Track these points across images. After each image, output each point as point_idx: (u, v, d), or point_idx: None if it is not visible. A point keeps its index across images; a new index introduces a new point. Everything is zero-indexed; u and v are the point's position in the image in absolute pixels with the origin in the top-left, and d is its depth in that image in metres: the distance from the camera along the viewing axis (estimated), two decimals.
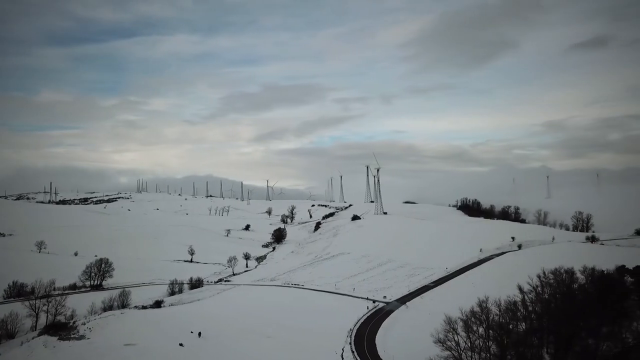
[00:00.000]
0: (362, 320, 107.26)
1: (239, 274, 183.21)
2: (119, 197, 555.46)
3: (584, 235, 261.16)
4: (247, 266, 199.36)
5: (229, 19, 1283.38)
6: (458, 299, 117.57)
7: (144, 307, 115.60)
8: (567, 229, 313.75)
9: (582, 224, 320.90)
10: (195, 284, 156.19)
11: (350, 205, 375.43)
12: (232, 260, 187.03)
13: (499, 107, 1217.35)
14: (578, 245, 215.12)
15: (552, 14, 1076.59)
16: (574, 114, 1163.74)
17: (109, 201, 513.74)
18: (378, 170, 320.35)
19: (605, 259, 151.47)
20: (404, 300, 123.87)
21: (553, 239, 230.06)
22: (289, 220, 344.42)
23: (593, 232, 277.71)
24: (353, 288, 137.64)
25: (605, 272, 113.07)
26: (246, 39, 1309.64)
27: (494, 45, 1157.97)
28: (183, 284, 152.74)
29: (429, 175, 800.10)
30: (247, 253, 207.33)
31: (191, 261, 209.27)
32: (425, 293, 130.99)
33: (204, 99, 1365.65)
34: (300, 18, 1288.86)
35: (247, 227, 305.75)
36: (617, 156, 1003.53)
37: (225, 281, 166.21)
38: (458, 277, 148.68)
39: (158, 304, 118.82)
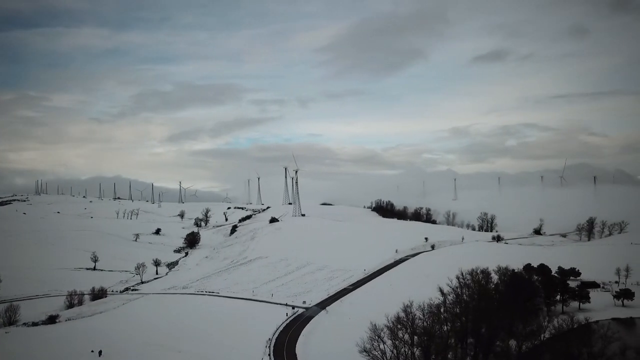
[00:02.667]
0: (281, 329, 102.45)
1: (148, 281, 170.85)
2: (14, 200, 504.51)
3: (489, 235, 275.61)
4: (157, 273, 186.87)
5: (142, 15, 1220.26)
6: (378, 302, 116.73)
7: (34, 324, 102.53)
8: (474, 229, 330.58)
9: (487, 224, 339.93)
10: (98, 294, 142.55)
11: (268, 208, 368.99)
12: (140, 267, 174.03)
13: (409, 113, 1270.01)
14: (486, 245, 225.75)
15: (457, 27, 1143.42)
16: (476, 121, 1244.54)
17: (1, 204, 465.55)
18: (296, 172, 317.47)
19: (511, 257, 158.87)
20: (323, 304, 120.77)
21: (463, 238, 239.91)
22: (203, 224, 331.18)
23: (497, 231, 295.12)
24: (271, 294, 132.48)
25: (515, 270, 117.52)
26: (160, 36, 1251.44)
27: (405, 53, 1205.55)
28: (83, 294, 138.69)
29: (344, 177, 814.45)
30: (157, 259, 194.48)
31: (94, 269, 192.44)
32: (345, 296, 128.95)
33: (114, 96, 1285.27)
34: (217, 17, 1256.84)
35: (158, 231, 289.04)
36: (513, 161, 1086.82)
37: (133, 290, 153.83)
38: (376, 278, 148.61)
39: (52, 320, 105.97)
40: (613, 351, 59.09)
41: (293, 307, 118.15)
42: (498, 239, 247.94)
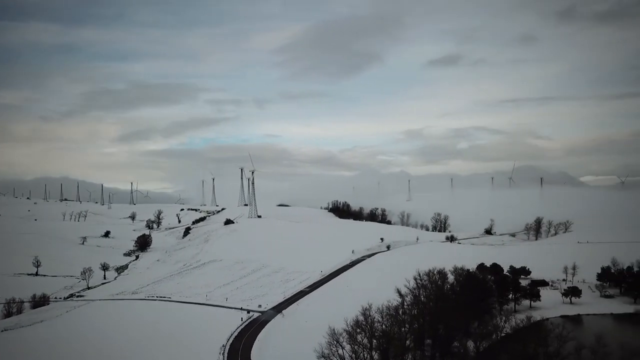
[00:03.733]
0: (235, 334, 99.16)
1: (95, 287, 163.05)
2: None
3: (443, 235, 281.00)
4: (105, 278, 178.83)
5: (95, 11, 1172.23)
6: (335, 304, 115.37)
7: None
8: (428, 229, 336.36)
9: (440, 224, 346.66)
10: (40, 301, 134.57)
11: (223, 209, 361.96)
12: (86, 272, 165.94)
13: (365, 116, 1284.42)
14: (440, 245, 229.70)
15: (413, 31, 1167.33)
16: (429, 124, 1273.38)
17: None
18: (253, 172, 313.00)
19: (465, 257, 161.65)
20: (279, 308, 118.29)
21: (417, 239, 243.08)
22: (155, 226, 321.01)
23: (450, 232, 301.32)
24: (226, 298, 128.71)
25: (470, 270, 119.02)
26: (114, 33, 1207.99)
27: (362, 56, 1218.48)
28: (23, 302, 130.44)
29: (301, 178, 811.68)
30: (105, 263, 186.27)
31: (36, 274, 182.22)
32: (302, 299, 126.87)
33: (63, 94, 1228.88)
34: (173, 16, 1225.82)
35: (107, 234, 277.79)
36: (465, 163, 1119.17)
37: (78, 297, 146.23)
38: (333, 280, 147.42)
39: None
40: (568, 350, 60.00)
41: (248, 312, 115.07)
42: (451, 239, 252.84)
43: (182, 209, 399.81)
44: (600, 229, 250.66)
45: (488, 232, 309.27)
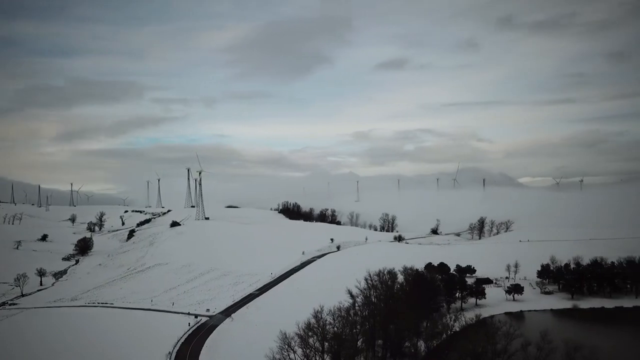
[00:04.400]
0: (182, 340, 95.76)
1: (30, 294, 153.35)
2: None
3: (391, 235, 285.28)
4: (41, 284, 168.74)
5: (34, 3, 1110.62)
6: (286, 306, 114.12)
7: None
8: (376, 229, 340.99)
9: (388, 224, 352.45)
10: None
11: (169, 211, 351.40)
12: (20, 278, 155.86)
13: (315, 117, 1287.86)
14: (388, 245, 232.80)
15: (361, 34, 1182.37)
16: (377, 126, 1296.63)
17: None
18: (200, 173, 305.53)
19: (413, 256, 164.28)
20: (228, 312, 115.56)
21: (366, 239, 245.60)
22: (97, 229, 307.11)
23: (398, 231, 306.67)
24: (172, 303, 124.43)
25: (419, 270, 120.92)
26: (54, 27, 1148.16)
27: (312, 58, 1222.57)
28: None
29: (251, 179, 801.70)
30: (41, 268, 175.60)
31: None
32: (251, 302, 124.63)
33: None
34: (119, 11, 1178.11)
35: (44, 237, 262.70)
36: (412, 164, 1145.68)
37: (10, 305, 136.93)
38: (283, 282, 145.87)
39: None
40: (515, 347, 61.61)
41: (196, 316, 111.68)
42: (399, 239, 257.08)
43: (126, 211, 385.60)
44: (539, 228, 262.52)
45: (434, 231, 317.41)
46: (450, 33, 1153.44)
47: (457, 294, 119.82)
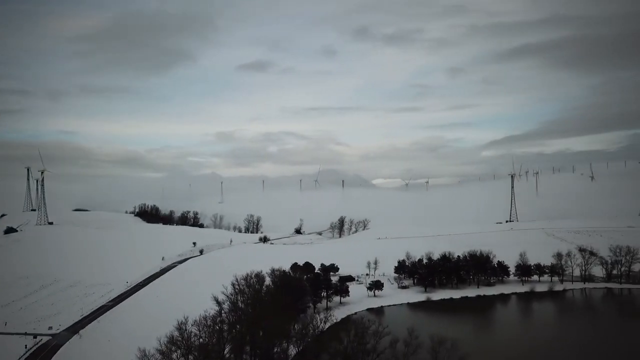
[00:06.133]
0: None
1: None
2: None
3: (257, 236, 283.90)
4: None
5: None
6: (143, 318, 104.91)
7: None
8: (241, 231, 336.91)
9: (253, 225, 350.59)
10: None
11: (3, 215, 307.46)
12: None
13: (175, 116, 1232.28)
14: (254, 246, 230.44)
15: (225, 34, 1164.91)
16: (241, 127, 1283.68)
17: None
18: (42, 173, 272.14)
19: (279, 257, 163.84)
20: (76, 328, 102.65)
21: (231, 241, 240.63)
22: None
23: (263, 232, 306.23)
24: (5, 323, 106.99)
25: (285, 271, 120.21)
26: None
27: (173, 54, 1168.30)
28: None
29: (103, 180, 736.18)
30: None
31: None
32: (103, 315, 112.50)
33: None
34: None
35: None
36: (275, 166, 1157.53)
37: None
38: (141, 291, 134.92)
39: None
40: (384, 345, 63.09)
41: (35, 336, 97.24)
42: (265, 239, 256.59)
43: None
44: (393, 226, 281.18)
45: (298, 231, 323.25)
46: (311, 39, 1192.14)
47: (322, 293, 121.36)
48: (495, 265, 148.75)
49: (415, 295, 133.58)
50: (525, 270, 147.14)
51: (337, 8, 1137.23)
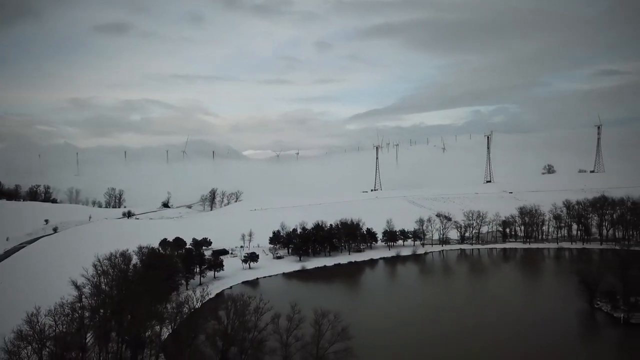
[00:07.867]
0: None
1: None
2: None
3: (119, 211, 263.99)
4: None
5: None
6: None
7: None
8: (101, 206, 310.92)
9: (115, 200, 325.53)
10: None
11: None
12: None
13: (20, 79, 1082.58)
14: (117, 222, 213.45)
15: None
16: (98, 94, 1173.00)
17: None
18: None
19: (146, 233, 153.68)
20: None
21: (90, 217, 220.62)
22: None
23: (126, 207, 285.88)
24: None
25: (154, 248, 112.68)
26: None
27: (11, 8, 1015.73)
28: None
29: None
30: None
31: None
32: None
33: None
34: None
35: None
36: (138, 136, 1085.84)
37: None
38: None
39: None
40: (265, 321, 61.12)
41: None
42: (129, 215, 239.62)
43: None
44: (265, 197, 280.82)
45: (165, 205, 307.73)
46: (175, 3, 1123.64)
47: (195, 269, 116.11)
48: (365, 232, 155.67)
49: (290, 264, 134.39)
50: (391, 236, 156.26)
51: None
